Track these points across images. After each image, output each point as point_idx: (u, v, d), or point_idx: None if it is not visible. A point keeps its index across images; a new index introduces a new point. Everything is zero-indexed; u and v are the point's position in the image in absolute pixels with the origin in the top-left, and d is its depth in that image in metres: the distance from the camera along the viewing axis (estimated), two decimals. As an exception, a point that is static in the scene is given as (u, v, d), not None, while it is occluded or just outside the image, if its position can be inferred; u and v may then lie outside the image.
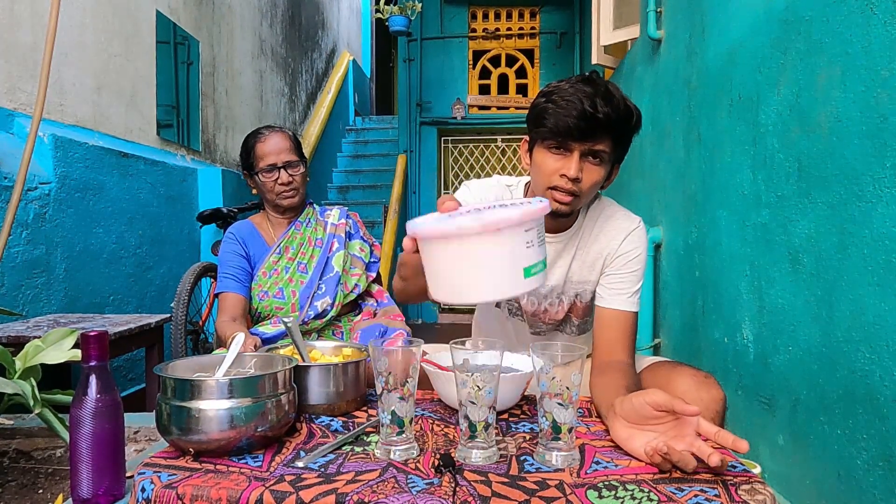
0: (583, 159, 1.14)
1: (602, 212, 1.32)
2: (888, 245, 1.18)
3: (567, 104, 1.11)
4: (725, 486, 0.79)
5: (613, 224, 1.30)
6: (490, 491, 0.77)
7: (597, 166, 1.16)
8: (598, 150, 1.14)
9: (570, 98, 1.11)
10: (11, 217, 1.62)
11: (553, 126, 1.12)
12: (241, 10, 4.51)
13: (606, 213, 1.32)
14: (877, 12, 1.21)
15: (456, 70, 5.78)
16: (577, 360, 0.86)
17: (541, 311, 1.38)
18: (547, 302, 1.36)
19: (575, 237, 1.30)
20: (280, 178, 1.71)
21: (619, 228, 1.30)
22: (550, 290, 1.34)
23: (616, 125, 1.12)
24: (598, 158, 1.15)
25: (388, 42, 9.60)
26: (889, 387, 1.18)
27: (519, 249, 0.70)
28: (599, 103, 1.09)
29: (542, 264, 0.73)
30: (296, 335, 1.17)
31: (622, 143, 1.18)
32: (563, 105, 1.11)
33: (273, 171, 1.71)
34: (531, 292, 1.31)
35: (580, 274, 1.33)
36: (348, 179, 6.66)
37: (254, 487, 0.78)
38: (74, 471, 0.83)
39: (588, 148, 1.13)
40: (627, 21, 3.22)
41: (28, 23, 2.41)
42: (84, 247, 2.60)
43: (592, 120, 1.09)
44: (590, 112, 1.09)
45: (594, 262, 1.32)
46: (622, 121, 1.13)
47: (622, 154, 1.21)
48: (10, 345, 1.75)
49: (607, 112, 1.10)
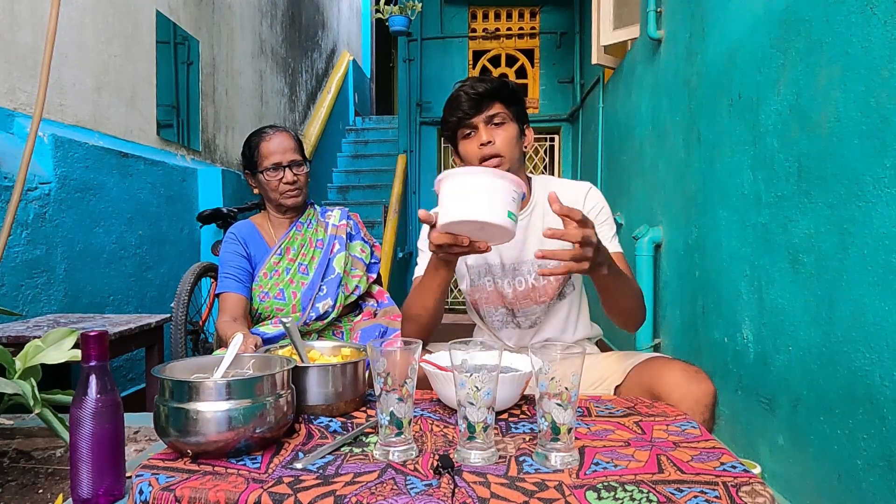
0: (487, 127, 1.40)
1: (547, 184, 1.52)
2: (888, 245, 1.18)
3: (453, 101, 1.41)
4: (726, 487, 0.79)
5: (568, 195, 1.46)
6: (489, 492, 0.77)
7: (501, 127, 1.40)
8: (493, 114, 1.40)
9: (454, 96, 1.41)
10: (11, 217, 1.62)
11: (455, 120, 1.41)
12: (241, 10, 4.51)
13: (552, 184, 1.52)
14: (877, 12, 1.20)
15: (456, 70, 5.77)
16: (576, 360, 0.86)
17: (530, 289, 1.48)
18: (532, 277, 1.48)
19: (534, 212, 1.49)
20: (285, 178, 1.71)
21: (576, 194, 1.48)
22: (533, 264, 1.47)
23: (495, 91, 1.39)
24: (499, 120, 1.40)
25: (388, 42, 9.59)
26: (889, 387, 1.18)
27: (507, 196, 1.02)
28: (473, 84, 1.39)
29: (516, 218, 1.06)
30: (294, 336, 1.17)
31: (512, 105, 1.42)
32: (452, 105, 1.42)
33: (278, 171, 1.71)
34: (517, 273, 1.51)
35: (552, 243, 1.43)
36: (348, 179, 6.66)
37: (252, 489, 0.78)
38: (74, 471, 0.83)
39: (485, 116, 1.39)
40: (627, 21, 3.22)
41: (28, 23, 2.41)
42: (84, 247, 2.60)
43: (475, 96, 1.38)
44: (470, 92, 1.38)
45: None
46: (498, 87, 1.40)
47: (521, 115, 1.45)
48: (10, 345, 1.75)
49: (483, 86, 1.38)
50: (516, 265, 1.49)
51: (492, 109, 1.39)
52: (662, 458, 0.88)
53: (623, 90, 3.43)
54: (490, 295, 1.52)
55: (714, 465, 0.85)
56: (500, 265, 1.49)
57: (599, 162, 4.04)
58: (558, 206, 1.05)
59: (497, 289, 1.50)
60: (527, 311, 1.50)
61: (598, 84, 4.12)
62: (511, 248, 1.48)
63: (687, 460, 0.87)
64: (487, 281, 1.51)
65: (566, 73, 5.54)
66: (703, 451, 0.91)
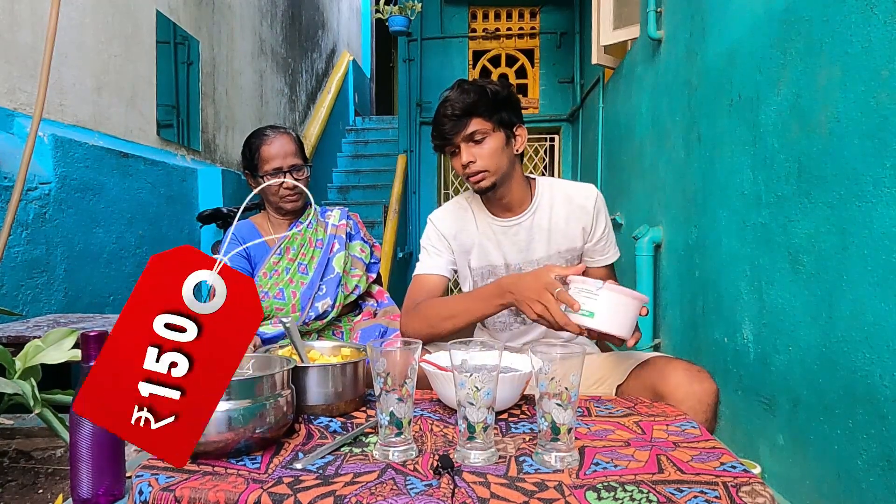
0: (467, 145, 1.39)
1: (552, 186, 1.52)
2: (888, 245, 1.18)
3: (436, 122, 1.41)
4: (726, 487, 0.79)
5: (574, 195, 1.49)
6: (489, 492, 0.77)
7: (482, 143, 1.39)
8: (470, 133, 1.38)
9: (437, 117, 1.41)
10: (11, 217, 1.62)
11: (438, 143, 1.43)
12: (241, 10, 4.51)
13: (557, 186, 1.52)
14: (877, 12, 1.20)
15: (456, 70, 5.77)
16: (575, 360, 0.86)
17: None
18: None
19: (538, 212, 1.49)
20: (286, 183, 1.70)
21: (585, 198, 1.49)
22: (537, 263, 1.48)
23: (471, 107, 1.37)
24: (479, 137, 1.39)
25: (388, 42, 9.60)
26: (889, 387, 1.18)
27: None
28: (452, 103, 1.38)
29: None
30: (294, 335, 1.16)
31: (492, 114, 1.39)
32: (435, 125, 1.42)
33: (278, 175, 1.70)
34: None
35: (559, 245, 1.49)
36: (348, 179, 6.66)
37: (252, 490, 0.78)
38: (74, 471, 0.83)
39: (463, 136, 1.38)
40: (627, 21, 3.22)
41: (28, 23, 2.41)
42: (84, 247, 2.60)
43: (454, 117, 1.37)
44: (448, 113, 1.38)
45: (571, 232, 1.49)
46: (474, 102, 1.37)
47: (507, 117, 1.41)
48: (10, 345, 1.75)
49: (459, 105, 1.37)
50: (521, 265, 1.49)
51: (469, 128, 1.38)
52: (662, 458, 0.88)
53: (623, 90, 3.43)
54: None
55: (714, 465, 0.85)
56: (504, 266, 1.50)
57: (599, 162, 4.04)
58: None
59: None
60: None
61: (598, 84, 4.12)
62: (514, 249, 1.49)
63: (687, 460, 0.87)
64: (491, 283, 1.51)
65: (566, 73, 5.54)
66: (703, 451, 0.91)
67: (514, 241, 1.49)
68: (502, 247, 1.50)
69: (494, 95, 1.39)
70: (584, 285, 1.12)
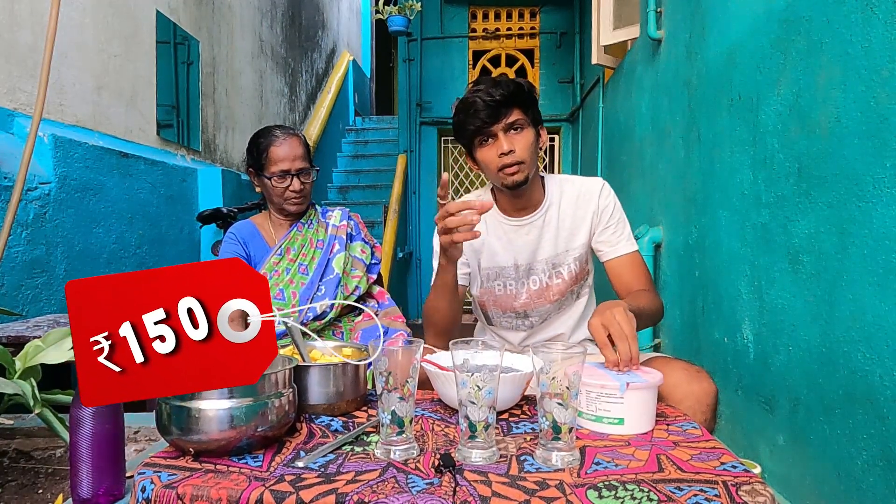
0: (506, 134, 1.37)
1: (561, 183, 1.52)
2: (888, 245, 1.18)
3: (469, 107, 1.37)
4: (726, 486, 0.79)
5: (582, 190, 1.50)
6: (490, 491, 0.77)
7: (520, 133, 1.39)
8: (512, 121, 1.37)
9: (470, 102, 1.37)
10: (11, 217, 1.62)
11: (473, 128, 1.38)
12: (241, 10, 4.51)
13: (566, 183, 1.52)
14: (877, 12, 1.21)
15: (456, 70, 5.77)
16: (576, 360, 0.86)
17: (544, 288, 1.50)
18: (546, 276, 1.50)
19: (549, 210, 1.49)
20: (292, 186, 1.70)
21: (590, 191, 1.49)
22: (547, 262, 1.49)
23: (513, 96, 1.36)
24: (518, 127, 1.38)
25: (388, 42, 9.60)
26: (889, 387, 1.18)
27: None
28: (491, 90, 1.35)
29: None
30: (296, 335, 1.17)
31: (528, 108, 1.40)
32: (469, 111, 1.37)
33: (285, 178, 1.70)
34: (531, 272, 1.51)
35: (567, 242, 1.49)
36: (348, 179, 6.66)
37: (254, 487, 0.78)
38: (74, 471, 0.83)
39: (505, 124, 1.37)
40: (627, 21, 3.22)
41: (28, 23, 2.41)
42: (84, 247, 2.60)
43: (493, 103, 1.35)
44: (488, 100, 1.34)
45: (577, 228, 1.49)
46: (515, 92, 1.36)
47: (536, 117, 1.43)
48: (10, 345, 1.75)
49: (501, 92, 1.35)
50: (531, 265, 1.50)
51: (511, 116, 1.36)
52: (662, 457, 0.88)
53: (623, 90, 3.44)
54: (499, 298, 1.53)
55: (714, 464, 0.86)
56: (513, 267, 1.50)
57: (599, 162, 4.05)
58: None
59: (508, 291, 1.52)
60: (539, 309, 1.52)
61: (598, 84, 4.12)
62: (525, 249, 1.49)
63: (687, 459, 0.87)
64: (498, 284, 1.52)
65: (566, 73, 5.54)
66: (703, 450, 0.91)
67: (526, 240, 1.49)
68: (513, 246, 1.50)
69: (530, 91, 1.40)
70: (606, 389, 1.00)
